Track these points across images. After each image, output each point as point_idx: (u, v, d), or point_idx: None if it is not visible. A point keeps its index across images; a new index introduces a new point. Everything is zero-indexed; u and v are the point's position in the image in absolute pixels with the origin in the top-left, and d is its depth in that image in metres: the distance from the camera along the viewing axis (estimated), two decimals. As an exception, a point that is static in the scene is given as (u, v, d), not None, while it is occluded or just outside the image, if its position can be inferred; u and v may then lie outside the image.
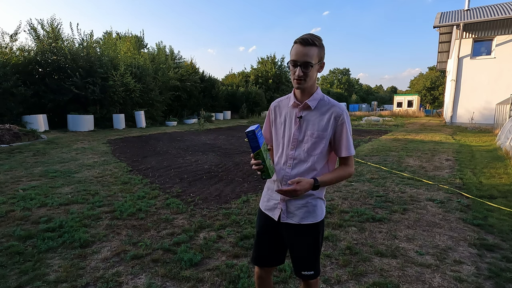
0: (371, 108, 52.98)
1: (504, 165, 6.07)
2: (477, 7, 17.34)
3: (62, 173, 5.49)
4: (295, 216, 1.39)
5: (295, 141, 1.39)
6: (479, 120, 15.99)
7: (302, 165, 1.37)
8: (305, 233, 1.41)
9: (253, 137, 1.23)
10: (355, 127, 17.25)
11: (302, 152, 1.37)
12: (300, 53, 1.25)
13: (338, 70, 75.94)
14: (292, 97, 1.41)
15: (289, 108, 1.42)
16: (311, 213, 1.39)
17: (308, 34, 1.27)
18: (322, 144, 1.36)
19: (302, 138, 1.37)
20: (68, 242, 2.80)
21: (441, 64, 25.63)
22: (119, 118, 15.47)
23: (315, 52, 1.26)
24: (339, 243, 2.83)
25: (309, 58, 1.25)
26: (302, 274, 1.44)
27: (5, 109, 11.69)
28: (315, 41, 1.26)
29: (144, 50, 23.32)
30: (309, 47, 1.25)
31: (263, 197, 1.55)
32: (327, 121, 1.35)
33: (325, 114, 1.35)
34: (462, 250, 2.72)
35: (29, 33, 14.32)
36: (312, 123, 1.36)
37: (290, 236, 1.43)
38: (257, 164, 1.27)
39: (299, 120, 1.38)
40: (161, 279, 2.26)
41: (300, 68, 1.26)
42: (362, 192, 4.44)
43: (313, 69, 1.28)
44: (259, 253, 1.55)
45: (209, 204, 3.96)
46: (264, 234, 1.53)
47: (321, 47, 1.30)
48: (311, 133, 1.36)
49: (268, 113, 1.54)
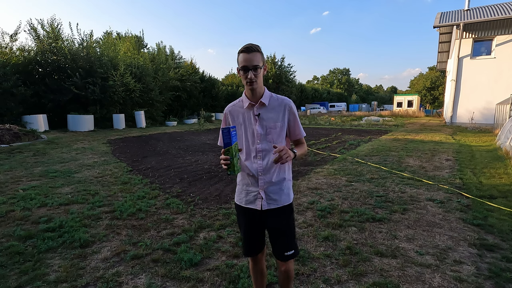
0: (371, 108, 52.98)
1: (504, 165, 6.07)
2: (477, 7, 17.34)
3: (62, 173, 5.49)
4: (275, 201, 1.60)
5: (259, 136, 1.57)
6: (479, 120, 15.99)
7: (270, 154, 1.57)
8: (285, 214, 1.62)
9: (227, 134, 1.36)
10: (355, 127, 17.25)
11: (267, 143, 1.57)
12: (248, 59, 1.45)
13: (338, 70, 75.93)
14: (245, 99, 1.58)
15: (245, 110, 1.59)
16: (286, 195, 1.62)
17: (249, 44, 1.47)
18: (283, 132, 1.60)
19: (265, 132, 1.57)
20: (68, 242, 2.80)
21: (441, 64, 25.62)
22: (119, 118, 15.47)
23: (259, 57, 1.47)
24: (339, 243, 2.83)
25: (256, 62, 1.46)
26: (284, 256, 1.61)
27: (5, 109, 11.70)
28: (257, 47, 1.48)
29: (144, 50, 23.31)
30: (253, 53, 1.45)
31: (240, 194, 1.68)
32: (282, 113, 1.58)
33: (279, 108, 1.58)
34: (462, 250, 2.72)
35: (29, 33, 14.33)
36: (270, 118, 1.57)
37: (275, 220, 1.61)
38: (225, 159, 1.39)
39: (258, 117, 1.57)
40: (161, 279, 2.26)
41: (251, 71, 1.45)
42: (362, 192, 4.44)
43: (261, 71, 1.50)
44: (251, 246, 1.71)
45: (209, 204, 3.96)
46: (251, 228, 1.67)
47: (262, 53, 1.52)
48: (273, 125, 1.57)
49: (224, 117, 1.68)
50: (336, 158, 7.18)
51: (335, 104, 50.04)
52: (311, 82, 78.96)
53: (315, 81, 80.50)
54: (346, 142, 10.25)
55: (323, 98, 53.93)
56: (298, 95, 44.08)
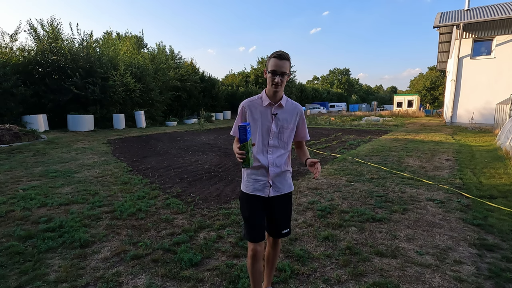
0: (371, 108, 52.99)
1: (504, 165, 6.07)
2: (477, 7, 17.34)
3: (62, 173, 5.49)
4: (281, 189, 1.82)
5: (273, 133, 1.75)
6: (479, 120, 15.99)
7: (278, 150, 1.78)
8: (288, 200, 1.89)
9: (243, 131, 1.49)
10: (355, 127, 17.25)
11: (278, 141, 1.77)
12: (279, 65, 1.61)
13: (338, 70, 75.92)
14: (265, 98, 1.73)
15: (263, 108, 1.74)
16: (289, 184, 1.87)
17: (281, 51, 1.63)
18: (293, 133, 1.83)
19: (278, 130, 1.76)
20: (68, 242, 2.80)
21: (441, 64, 25.62)
22: (119, 118, 15.47)
23: (288, 65, 1.64)
24: (339, 243, 2.83)
25: (285, 69, 1.63)
26: (282, 233, 1.89)
27: (5, 109, 11.70)
28: (287, 56, 1.64)
29: (144, 50, 23.31)
30: (284, 61, 1.62)
31: (247, 183, 1.81)
32: (294, 116, 1.80)
33: (293, 112, 1.80)
34: (462, 250, 2.71)
35: (29, 33, 14.32)
36: (285, 119, 1.77)
37: (279, 205, 1.84)
38: (241, 154, 1.52)
39: (275, 116, 1.74)
40: (161, 279, 2.26)
41: (279, 76, 1.62)
42: (362, 192, 4.44)
43: (285, 78, 1.65)
44: (256, 231, 1.79)
45: (209, 204, 3.96)
46: (257, 213, 1.80)
47: (290, 62, 1.67)
48: (286, 126, 1.78)
49: (241, 110, 1.80)
50: (336, 158, 7.18)
51: (335, 104, 50.03)
52: (311, 82, 78.93)
53: (315, 81, 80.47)
54: (346, 142, 10.25)
55: (323, 98, 53.91)
56: (298, 95, 44.04)
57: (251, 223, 1.80)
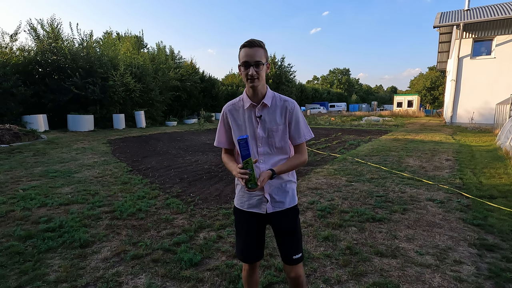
0: (371, 108, 52.99)
1: (504, 165, 6.07)
2: (477, 7, 17.34)
3: (62, 173, 5.49)
4: (282, 203, 1.51)
5: (261, 139, 1.47)
6: (479, 120, 15.99)
7: (272, 158, 1.48)
8: (292, 215, 1.55)
9: (245, 145, 1.26)
10: (355, 127, 17.25)
11: (269, 147, 1.48)
12: (250, 55, 1.34)
13: (338, 70, 75.92)
14: (246, 98, 1.46)
15: (246, 110, 1.48)
16: (292, 196, 1.55)
17: (252, 39, 1.38)
18: (285, 135, 1.49)
19: (266, 135, 1.46)
20: (68, 242, 2.80)
21: (441, 64, 25.61)
22: (119, 118, 15.47)
23: (262, 53, 1.37)
24: (339, 243, 2.83)
25: (258, 58, 1.35)
26: (293, 259, 1.52)
27: (5, 109, 11.70)
28: (261, 43, 1.38)
29: (144, 50, 23.31)
30: (256, 48, 1.35)
31: (241, 198, 1.57)
32: (282, 115, 1.46)
33: (280, 109, 1.47)
34: (462, 250, 2.71)
35: (29, 33, 14.32)
36: (272, 120, 1.46)
37: (281, 223, 1.53)
38: (244, 173, 1.29)
39: (259, 119, 1.46)
40: (161, 279, 2.26)
41: (253, 67, 1.34)
42: (362, 192, 4.44)
43: (263, 68, 1.38)
44: (247, 253, 1.60)
45: (209, 204, 3.96)
46: (251, 234, 1.57)
47: (265, 49, 1.40)
48: (276, 128, 1.46)
49: (222, 117, 1.57)
50: (336, 158, 7.18)
51: (335, 104, 50.07)
52: (311, 82, 78.97)
53: (315, 81, 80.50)
54: (346, 142, 10.25)
55: (323, 98, 53.94)
56: (298, 95, 44.09)
57: (243, 243, 1.60)
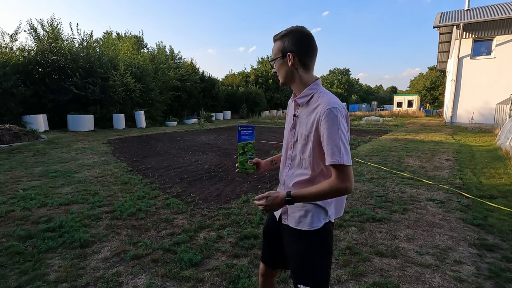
0: (371, 108, 52.97)
1: (504, 165, 6.07)
2: (477, 7, 17.34)
3: (62, 173, 5.49)
4: (292, 219, 1.28)
5: (291, 141, 1.30)
6: (479, 120, 15.99)
7: (297, 168, 1.27)
8: (300, 239, 1.25)
9: (238, 132, 1.44)
10: (355, 127, 17.24)
11: (298, 153, 1.26)
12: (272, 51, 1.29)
13: (338, 70, 75.90)
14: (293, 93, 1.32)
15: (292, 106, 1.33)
16: (306, 218, 1.24)
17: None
18: (309, 146, 1.19)
19: (296, 138, 1.26)
20: (68, 242, 2.80)
21: (441, 64, 25.62)
22: (119, 118, 15.47)
23: (274, 48, 1.26)
24: (339, 243, 2.83)
25: (272, 55, 1.28)
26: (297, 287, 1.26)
27: (5, 109, 11.69)
28: (275, 36, 1.26)
29: (144, 50, 23.31)
30: (274, 44, 1.27)
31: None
32: (312, 120, 1.17)
33: (312, 113, 1.18)
34: (462, 250, 2.72)
35: (29, 33, 14.31)
36: (303, 123, 1.23)
37: (287, 241, 1.33)
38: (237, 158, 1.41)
39: (294, 118, 1.29)
40: (161, 279, 2.26)
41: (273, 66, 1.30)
42: (362, 192, 4.44)
43: (276, 64, 1.26)
44: (264, 252, 1.55)
45: (209, 204, 3.96)
46: (267, 234, 1.51)
47: (280, 39, 1.23)
48: (301, 134, 1.23)
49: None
50: (336, 158, 7.16)
51: (335, 104, 49.94)
52: (311, 82, 78.69)
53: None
54: (346, 142, 10.23)
55: (323, 98, 53.83)
56: (298, 95, 44.02)
57: (263, 240, 1.55)
